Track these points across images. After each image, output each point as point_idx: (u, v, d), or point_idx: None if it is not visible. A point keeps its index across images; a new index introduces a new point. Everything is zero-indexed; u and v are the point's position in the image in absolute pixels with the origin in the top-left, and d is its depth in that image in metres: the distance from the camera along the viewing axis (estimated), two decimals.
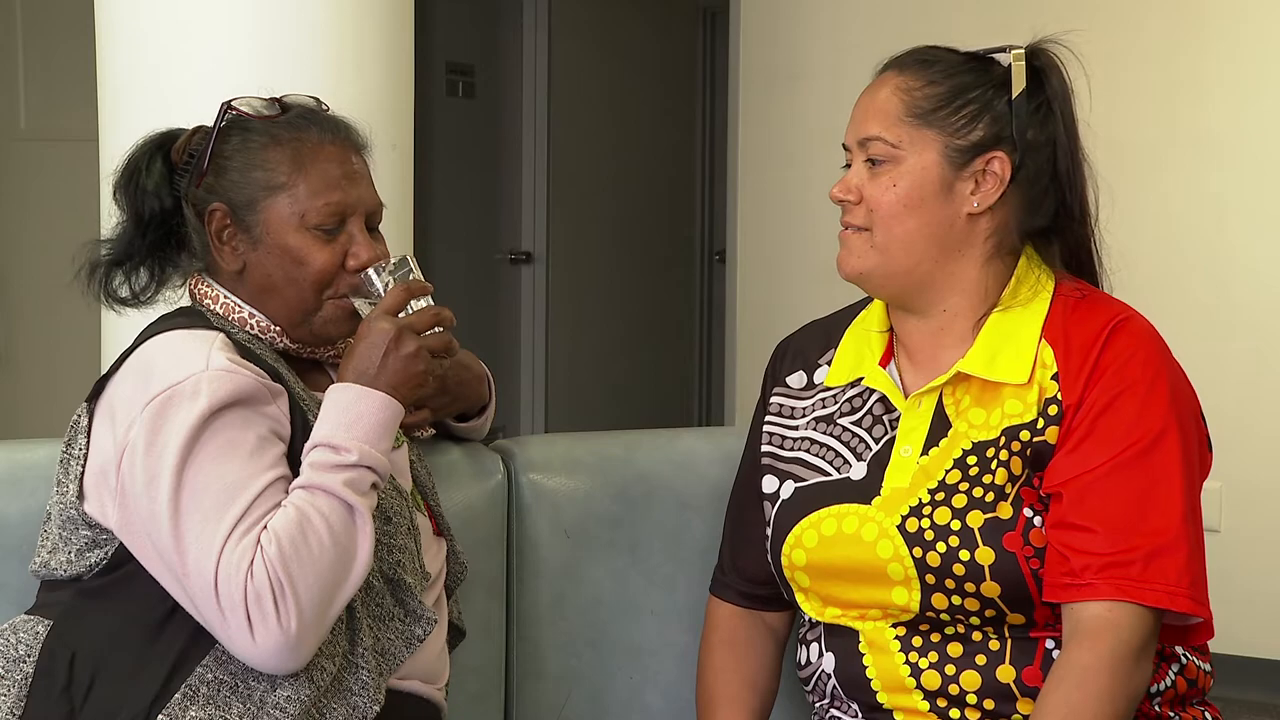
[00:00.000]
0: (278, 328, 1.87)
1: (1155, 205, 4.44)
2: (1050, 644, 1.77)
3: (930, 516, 1.79)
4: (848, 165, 1.87)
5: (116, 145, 2.74)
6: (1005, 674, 1.77)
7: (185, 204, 1.89)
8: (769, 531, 1.93)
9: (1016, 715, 1.77)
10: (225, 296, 1.87)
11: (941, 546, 1.77)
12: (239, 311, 1.86)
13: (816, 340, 2.01)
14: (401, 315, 1.80)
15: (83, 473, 1.77)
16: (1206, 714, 1.88)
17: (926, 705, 1.80)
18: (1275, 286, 4.36)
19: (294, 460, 1.75)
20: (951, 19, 4.58)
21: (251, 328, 1.86)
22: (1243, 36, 4.41)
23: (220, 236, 1.86)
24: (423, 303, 1.82)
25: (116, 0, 2.78)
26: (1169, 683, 1.83)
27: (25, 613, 1.81)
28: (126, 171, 1.92)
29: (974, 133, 1.81)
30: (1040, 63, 1.84)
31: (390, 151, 2.78)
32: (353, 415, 1.74)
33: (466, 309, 1.85)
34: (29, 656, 1.74)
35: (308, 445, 1.74)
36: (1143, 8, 4.52)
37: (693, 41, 7.02)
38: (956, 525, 1.77)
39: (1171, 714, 1.84)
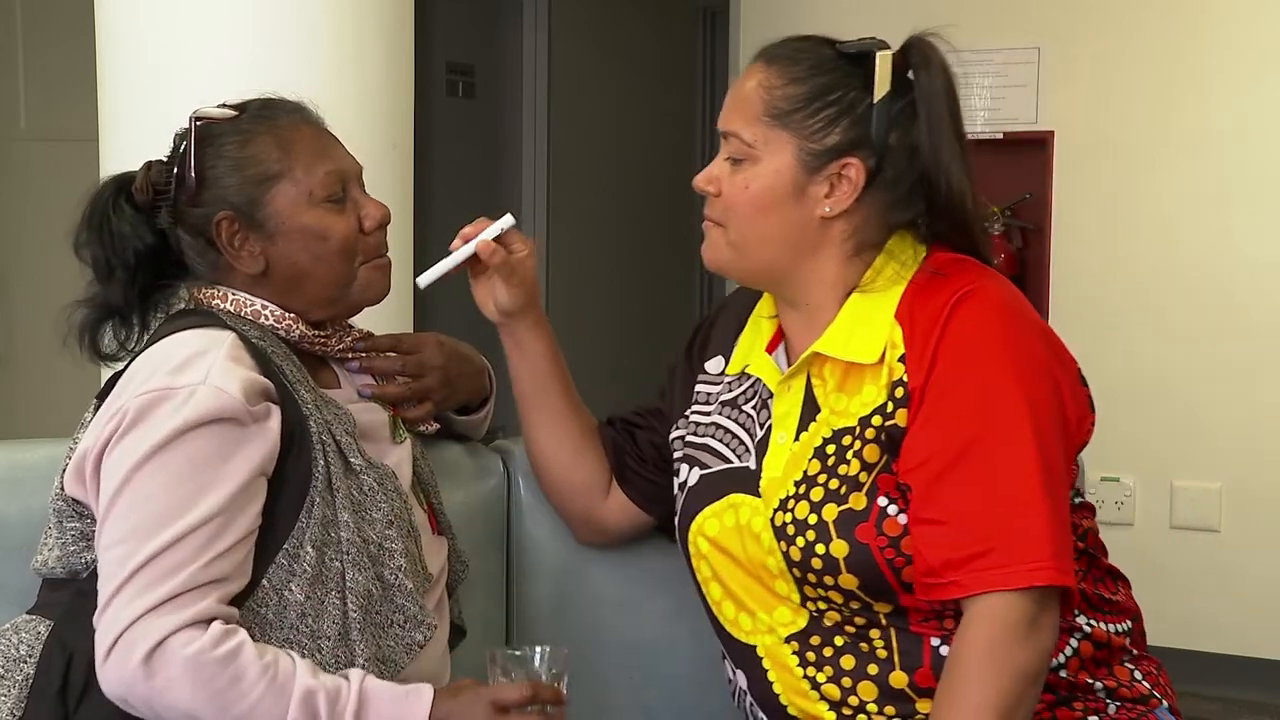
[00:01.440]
0: (292, 315, 1.86)
1: (1151, 205, 4.43)
2: (935, 642, 1.76)
3: (793, 511, 1.79)
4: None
5: (116, 145, 2.75)
6: (898, 680, 1.77)
7: (177, 231, 1.86)
8: (676, 520, 1.94)
9: (919, 715, 1.76)
10: (233, 294, 1.86)
11: (801, 541, 1.77)
12: (250, 305, 1.85)
13: (731, 325, 2.01)
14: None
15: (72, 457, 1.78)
16: (1136, 672, 1.85)
17: (834, 715, 1.80)
18: (1274, 286, 4.35)
19: (285, 460, 1.74)
20: (951, 20, 4.57)
21: (265, 319, 1.85)
22: (1239, 35, 4.40)
23: (234, 243, 1.84)
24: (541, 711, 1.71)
25: (116, 0, 2.79)
26: (1070, 652, 1.81)
27: (27, 612, 1.81)
28: (93, 225, 1.86)
29: (830, 137, 1.79)
30: (915, 59, 1.81)
31: (390, 151, 2.78)
32: None
33: (466, 309, 1.84)
34: (30, 657, 1.74)
35: (352, 673, 1.69)
36: (1140, 6, 4.53)
37: (693, 41, 7.01)
38: (814, 519, 1.77)
39: (1090, 680, 1.81)
